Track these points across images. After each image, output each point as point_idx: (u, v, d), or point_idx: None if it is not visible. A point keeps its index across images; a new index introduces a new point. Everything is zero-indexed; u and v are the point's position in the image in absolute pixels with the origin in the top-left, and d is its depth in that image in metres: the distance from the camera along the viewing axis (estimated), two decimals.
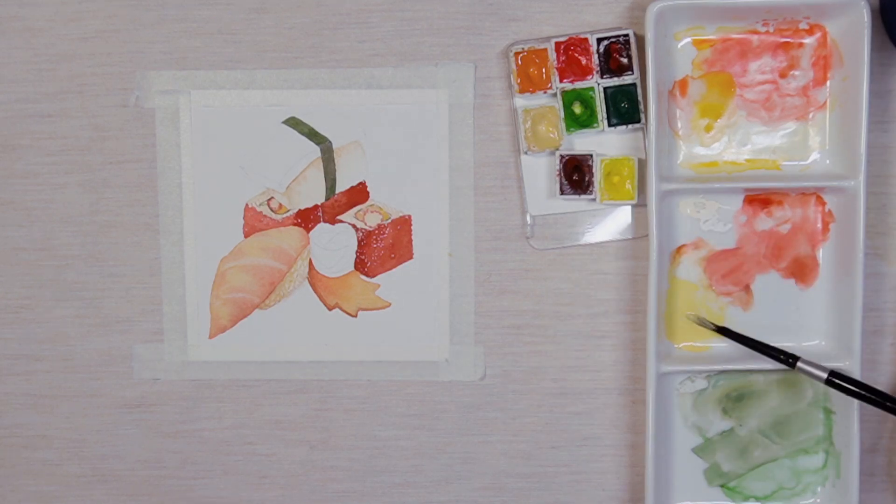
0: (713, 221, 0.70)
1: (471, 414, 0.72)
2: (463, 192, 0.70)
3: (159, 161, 0.71)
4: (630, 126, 0.69)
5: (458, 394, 0.72)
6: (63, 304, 0.72)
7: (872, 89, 0.68)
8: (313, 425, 0.73)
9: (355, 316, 0.71)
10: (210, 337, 0.72)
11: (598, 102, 0.69)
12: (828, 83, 0.69)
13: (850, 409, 0.69)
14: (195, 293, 0.71)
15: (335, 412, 0.72)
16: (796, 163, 0.70)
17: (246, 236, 0.71)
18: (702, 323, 0.68)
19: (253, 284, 0.71)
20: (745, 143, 0.70)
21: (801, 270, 0.70)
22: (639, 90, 0.69)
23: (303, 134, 0.70)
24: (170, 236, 0.71)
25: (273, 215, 0.71)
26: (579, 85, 0.69)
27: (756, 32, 0.69)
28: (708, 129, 0.70)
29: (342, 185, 0.71)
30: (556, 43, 0.69)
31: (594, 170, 0.69)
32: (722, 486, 0.71)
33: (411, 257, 0.71)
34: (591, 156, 0.69)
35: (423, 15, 0.70)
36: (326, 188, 0.71)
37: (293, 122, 0.70)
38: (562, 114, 0.69)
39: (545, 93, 0.69)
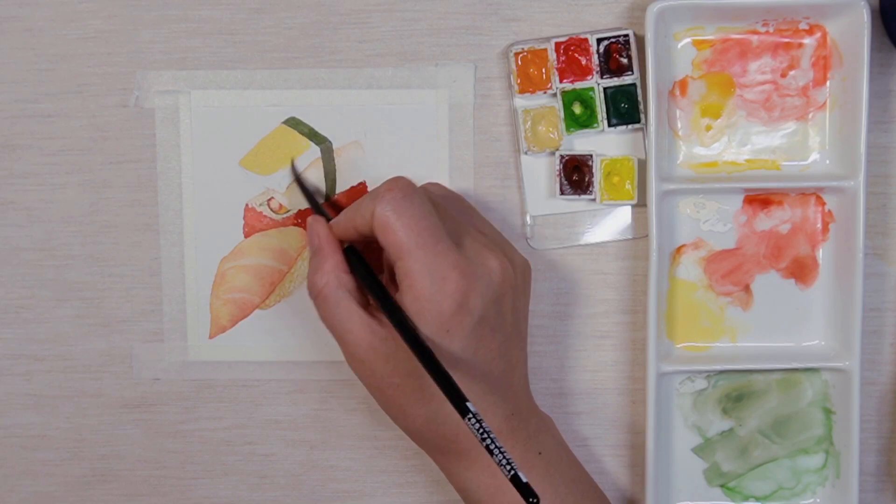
0: (713, 221, 0.70)
1: None
2: (463, 192, 0.70)
3: (159, 161, 0.71)
4: (630, 126, 0.69)
5: None
6: (63, 304, 0.72)
7: (872, 89, 0.68)
8: (313, 425, 0.73)
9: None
10: (210, 337, 0.72)
11: (598, 102, 0.69)
12: (828, 83, 0.69)
13: (850, 409, 0.69)
14: (195, 293, 0.71)
15: (335, 412, 0.72)
16: (796, 163, 0.70)
17: (246, 236, 0.71)
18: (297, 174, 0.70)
19: (253, 284, 0.71)
20: (744, 143, 0.70)
21: (801, 270, 0.70)
22: (639, 90, 0.69)
23: (303, 134, 0.70)
24: (170, 236, 0.71)
25: (273, 215, 0.71)
26: (579, 85, 0.69)
27: (756, 33, 0.69)
28: (708, 129, 0.70)
29: (342, 185, 0.71)
30: (556, 43, 0.69)
31: (594, 170, 0.69)
32: (722, 486, 0.71)
33: None
34: (591, 156, 0.69)
35: (423, 15, 0.70)
36: (326, 188, 0.71)
37: (293, 122, 0.70)
38: (562, 114, 0.69)
39: (545, 93, 0.69)
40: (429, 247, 0.60)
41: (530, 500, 0.56)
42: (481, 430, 0.57)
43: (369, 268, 0.63)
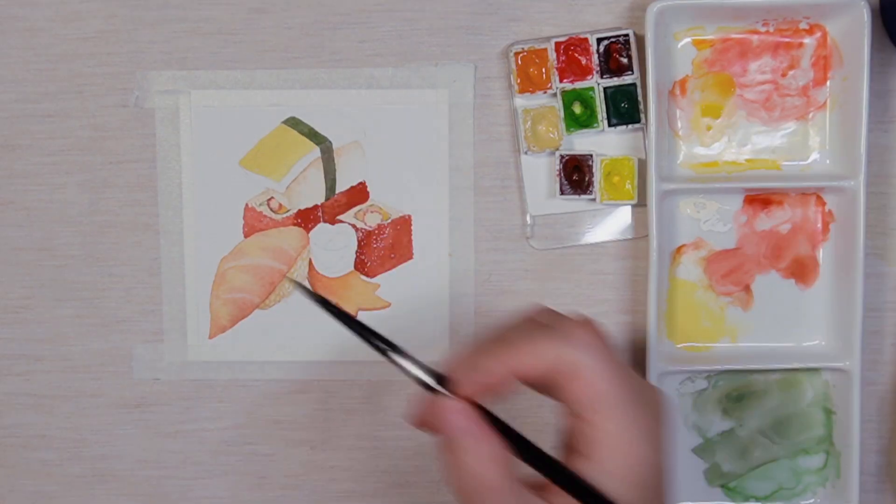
0: (713, 221, 0.70)
1: None
2: (463, 192, 0.70)
3: (159, 161, 0.71)
4: (630, 126, 0.69)
5: None
6: (63, 304, 0.72)
7: (872, 89, 0.68)
8: (313, 425, 0.73)
9: (355, 316, 0.71)
10: (210, 337, 0.72)
11: (598, 102, 0.69)
12: (828, 83, 0.69)
13: (851, 409, 0.69)
14: (195, 293, 0.71)
15: (335, 412, 0.72)
16: (796, 163, 0.70)
17: (246, 236, 0.71)
18: (300, 288, 0.58)
19: (253, 284, 0.71)
20: (745, 143, 0.70)
21: (801, 270, 0.70)
22: (639, 90, 0.69)
23: (303, 134, 0.70)
24: (170, 236, 0.71)
25: (273, 215, 0.71)
26: (579, 85, 0.69)
27: (756, 32, 0.69)
28: (708, 129, 0.70)
29: (342, 185, 0.71)
30: (556, 43, 0.69)
31: (594, 170, 0.69)
32: (722, 486, 0.71)
33: (411, 257, 0.71)
34: (591, 156, 0.69)
35: (423, 15, 0.70)
36: (326, 188, 0.71)
37: (293, 122, 0.70)
38: (562, 114, 0.69)
39: (545, 93, 0.69)
40: (630, 399, 0.50)
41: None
42: None
43: (528, 440, 0.51)
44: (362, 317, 0.71)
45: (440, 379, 0.52)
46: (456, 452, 0.50)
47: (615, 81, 0.69)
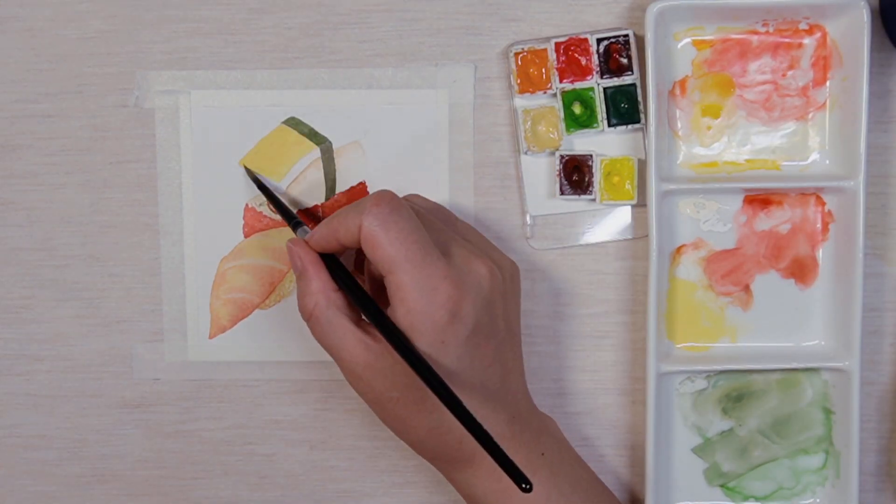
0: (713, 221, 0.70)
1: None
2: (463, 192, 0.70)
3: (159, 161, 0.71)
4: (630, 126, 0.69)
5: None
6: (63, 304, 0.72)
7: (872, 89, 0.68)
8: (313, 425, 0.73)
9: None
10: (210, 337, 0.72)
11: (597, 103, 0.69)
12: (828, 83, 0.69)
13: (850, 409, 0.69)
14: (195, 293, 0.71)
15: (335, 412, 0.72)
16: (796, 163, 0.70)
17: (246, 236, 0.71)
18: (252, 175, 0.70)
19: (253, 284, 0.71)
20: (744, 143, 0.70)
21: (801, 270, 0.70)
22: (639, 90, 0.69)
23: (303, 134, 0.70)
24: (170, 236, 0.71)
25: (273, 215, 0.71)
26: (579, 85, 0.69)
27: (756, 33, 0.69)
28: (708, 129, 0.70)
29: (342, 186, 0.71)
30: (556, 43, 0.69)
31: (594, 170, 0.69)
32: (722, 486, 0.71)
33: None
34: (591, 156, 0.69)
35: (423, 15, 0.70)
36: (326, 188, 0.71)
37: (293, 122, 0.70)
38: (562, 114, 0.69)
39: (545, 93, 0.69)
40: (417, 260, 0.60)
41: (523, 486, 0.56)
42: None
43: (357, 283, 0.63)
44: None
45: (298, 226, 0.66)
46: (297, 283, 0.64)
47: (615, 82, 0.69)
